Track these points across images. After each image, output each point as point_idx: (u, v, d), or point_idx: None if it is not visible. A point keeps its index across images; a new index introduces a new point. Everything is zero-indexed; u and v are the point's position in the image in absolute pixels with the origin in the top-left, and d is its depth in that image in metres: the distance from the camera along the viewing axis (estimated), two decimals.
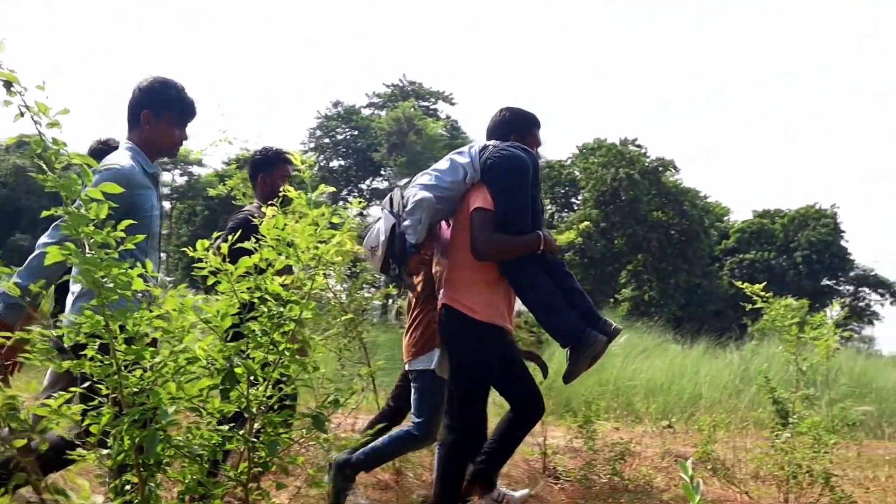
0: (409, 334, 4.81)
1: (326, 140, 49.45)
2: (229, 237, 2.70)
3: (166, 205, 43.14)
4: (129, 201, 3.32)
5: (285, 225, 2.32)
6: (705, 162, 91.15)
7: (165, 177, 45.13)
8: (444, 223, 4.37)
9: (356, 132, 48.93)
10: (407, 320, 4.89)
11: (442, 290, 4.13)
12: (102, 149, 4.29)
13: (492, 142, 4.11)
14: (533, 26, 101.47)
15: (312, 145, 48.93)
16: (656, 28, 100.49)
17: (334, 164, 49.21)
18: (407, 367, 4.86)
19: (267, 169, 4.73)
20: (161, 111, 3.53)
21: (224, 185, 6.49)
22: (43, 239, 3.15)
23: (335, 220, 2.42)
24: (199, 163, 43.36)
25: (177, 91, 3.58)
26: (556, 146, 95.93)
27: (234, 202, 6.28)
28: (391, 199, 4.08)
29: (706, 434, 7.09)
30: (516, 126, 4.23)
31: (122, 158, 3.39)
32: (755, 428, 9.68)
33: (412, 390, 4.82)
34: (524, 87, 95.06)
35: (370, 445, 4.87)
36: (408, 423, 4.84)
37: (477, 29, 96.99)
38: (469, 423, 4.05)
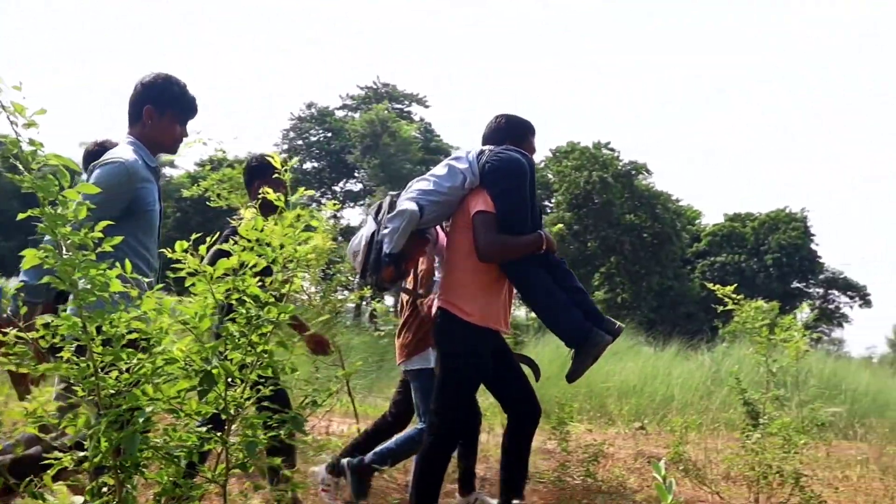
0: (401, 335, 4.83)
1: (300, 142, 49.29)
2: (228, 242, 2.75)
3: None
4: (133, 194, 3.34)
5: (263, 227, 2.33)
6: (677, 165, 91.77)
7: None
8: (439, 228, 4.40)
9: (330, 134, 48.82)
10: (399, 321, 4.93)
11: (437, 293, 4.14)
12: (98, 150, 4.29)
13: (488, 147, 4.14)
14: (506, 29, 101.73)
15: (286, 147, 48.76)
16: (629, 32, 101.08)
17: (308, 165, 49.04)
18: (403, 368, 4.87)
19: (262, 176, 4.67)
20: (164, 107, 3.56)
21: (198, 186, 6.48)
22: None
23: (314, 223, 2.43)
24: (171, 164, 43.09)
25: (179, 88, 3.60)
26: None
27: (207, 203, 6.26)
28: (380, 206, 4.08)
29: (678, 435, 7.16)
30: (512, 133, 4.26)
31: (124, 152, 3.41)
32: (726, 429, 9.77)
33: (412, 391, 4.85)
34: (497, 90, 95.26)
35: (383, 446, 4.89)
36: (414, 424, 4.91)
37: (451, 31, 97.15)
38: (451, 425, 4.05)
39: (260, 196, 2.70)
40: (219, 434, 2.31)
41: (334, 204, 6.33)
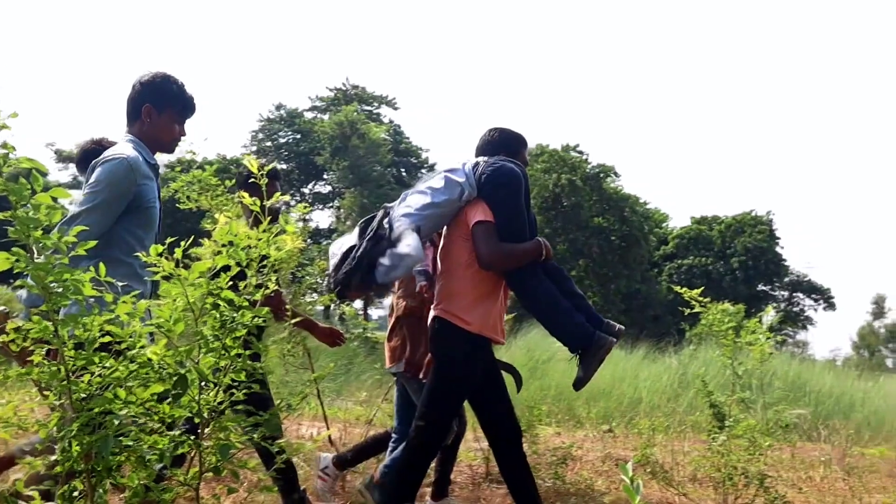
0: (391, 339, 4.85)
1: (269, 143, 49.07)
2: None
3: None
4: (136, 190, 3.34)
5: (237, 232, 2.34)
6: (645, 168, 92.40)
7: None
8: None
9: (299, 135, 48.63)
10: (388, 325, 4.96)
11: (435, 300, 4.15)
12: (95, 148, 4.30)
13: (482, 158, 4.17)
14: (475, 32, 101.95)
15: (255, 148, 48.52)
16: (598, 35, 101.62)
17: (276, 167, 48.85)
18: (393, 371, 4.88)
19: (257, 186, 4.70)
20: (163, 106, 3.57)
21: (168, 187, 6.44)
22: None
23: (290, 228, 2.45)
24: None
25: (178, 87, 3.62)
26: None
27: (177, 205, 6.23)
28: (370, 220, 4.06)
29: (646, 438, 7.23)
30: (505, 145, 4.31)
31: (124, 149, 3.43)
32: (693, 431, 9.85)
33: (411, 394, 4.88)
34: (467, 93, 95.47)
35: (391, 457, 4.90)
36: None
37: (421, 34, 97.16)
38: (438, 431, 4.08)
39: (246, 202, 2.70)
40: (192, 437, 2.31)
41: (304, 206, 6.32)
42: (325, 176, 48.31)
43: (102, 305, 2.26)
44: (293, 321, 4.52)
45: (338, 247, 4.07)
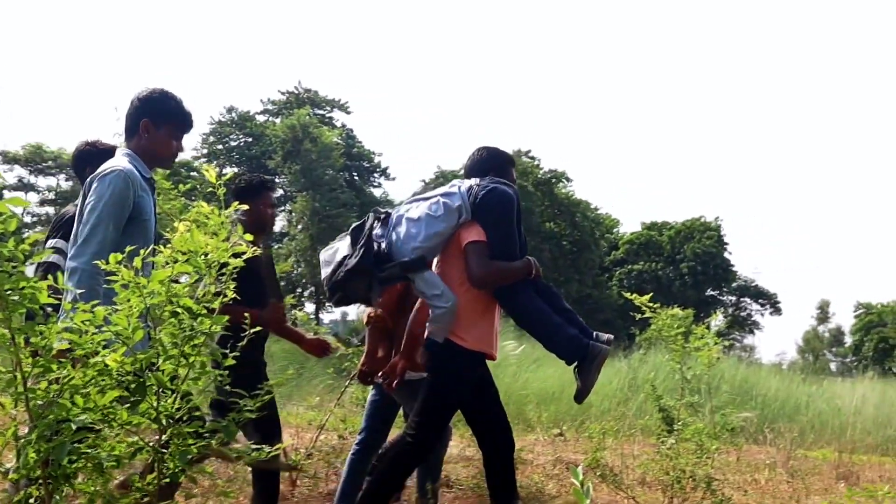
0: (375, 349, 4.87)
1: (220, 146, 48.63)
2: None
3: (50, 210, 41.60)
4: (134, 201, 3.35)
5: (197, 240, 2.35)
6: (596, 174, 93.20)
7: (50, 181, 43.63)
8: None
9: (250, 139, 48.28)
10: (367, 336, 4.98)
11: (430, 318, 4.16)
12: (90, 150, 4.32)
13: (474, 180, 4.24)
14: (427, 35, 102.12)
15: (205, 151, 48.06)
16: (548, 39, 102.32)
17: (227, 170, 48.39)
18: (379, 381, 4.88)
19: (251, 197, 4.64)
20: (161, 121, 3.58)
21: None
22: (71, 263, 3.15)
23: (248, 237, 2.47)
24: None
25: (176, 102, 3.63)
26: (450, 157, 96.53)
27: None
28: (361, 227, 4.13)
29: (596, 441, 7.30)
30: (494, 164, 4.39)
31: (119, 162, 3.43)
32: (642, 435, 9.98)
33: (400, 399, 4.92)
34: (419, 97, 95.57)
35: (351, 460, 4.96)
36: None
37: (372, 38, 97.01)
38: (428, 443, 4.14)
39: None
40: (150, 444, 2.33)
41: None
42: (276, 180, 48.01)
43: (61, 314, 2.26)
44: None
45: (329, 255, 4.13)
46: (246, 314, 3.08)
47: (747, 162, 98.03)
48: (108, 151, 4.19)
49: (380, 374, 4.59)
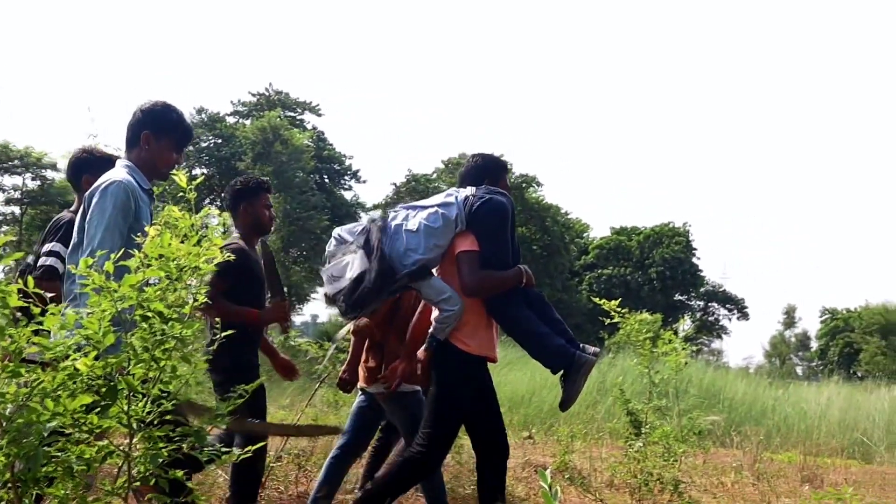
0: (368, 359, 4.88)
1: (190, 147, 48.22)
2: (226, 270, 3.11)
3: (16, 210, 41.10)
4: (138, 214, 3.39)
5: (170, 244, 2.36)
6: (566, 179, 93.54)
7: (16, 181, 43.10)
8: None
9: (220, 140, 47.90)
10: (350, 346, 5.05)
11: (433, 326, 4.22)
12: (87, 158, 4.34)
13: (470, 190, 4.31)
14: (398, 38, 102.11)
15: None
16: (520, 44, 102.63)
17: (197, 171, 48.06)
18: (371, 391, 4.89)
19: (249, 199, 4.73)
20: (161, 133, 3.61)
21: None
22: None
23: (218, 241, 2.48)
24: (54, 167, 41.61)
25: (177, 115, 3.68)
26: (421, 160, 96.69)
27: None
28: (368, 237, 4.12)
29: (564, 444, 7.37)
30: (488, 171, 4.47)
31: (117, 174, 3.46)
32: (611, 438, 10.06)
33: (390, 414, 4.94)
34: (391, 99, 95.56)
35: (328, 466, 4.98)
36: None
37: (344, 40, 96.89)
38: (440, 450, 4.20)
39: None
40: (120, 447, 2.32)
41: (227, 214, 6.26)
42: None
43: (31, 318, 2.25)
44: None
45: (339, 269, 4.10)
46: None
47: (716, 168, 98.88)
48: (105, 159, 4.29)
49: (379, 377, 4.62)
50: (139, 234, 3.30)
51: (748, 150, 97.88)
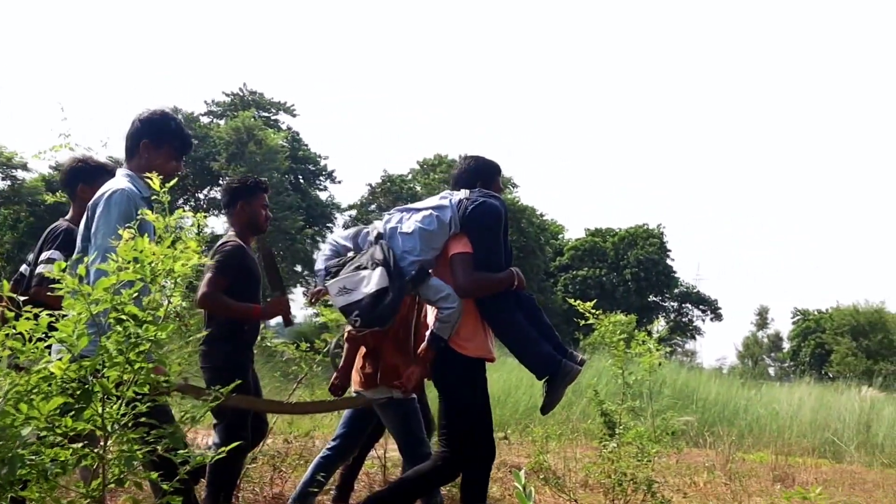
0: (365, 364, 4.88)
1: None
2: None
3: None
4: (137, 220, 3.37)
5: (143, 249, 2.35)
6: (542, 181, 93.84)
7: None
8: None
9: (195, 140, 47.64)
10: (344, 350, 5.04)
11: (431, 326, 4.25)
12: (82, 167, 4.39)
13: (464, 193, 4.36)
14: (372, 38, 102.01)
15: None
16: (493, 43, 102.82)
17: None
18: (368, 395, 4.86)
19: (246, 197, 4.78)
20: (161, 142, 3.66)
21: (60, 193, 6.26)
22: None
23: (192, 244, 2.48)
24: (25, 167, 41.17)
25: (176, 124, 3.74)
26: (397, 160, 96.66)
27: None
28: (384, 254, 4.10)
29: (539, 445, 7.39)
30: (482, 174, 4.54)
31: (117, 183, 3.51)
32: (585, 438, 10.10)
33: (386, 420, 4.95)
34: (367, 100, 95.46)
35: (315, 465, 5.04)
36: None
37: (318, 40, 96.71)
38: (459, 451, 4.20)
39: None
40: (94, 450, 2.32)
41: (201, 215, 6.23)
42: (220, 182, 47.43)
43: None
44: None
45: (353, 282, 4.05)
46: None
47: (691, 170, 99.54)
48: (100, 168, 4.38)
49: (395, 383, 4.64)
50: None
51: (722, 153, 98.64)
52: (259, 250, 4.80)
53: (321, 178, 48.89)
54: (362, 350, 4.91)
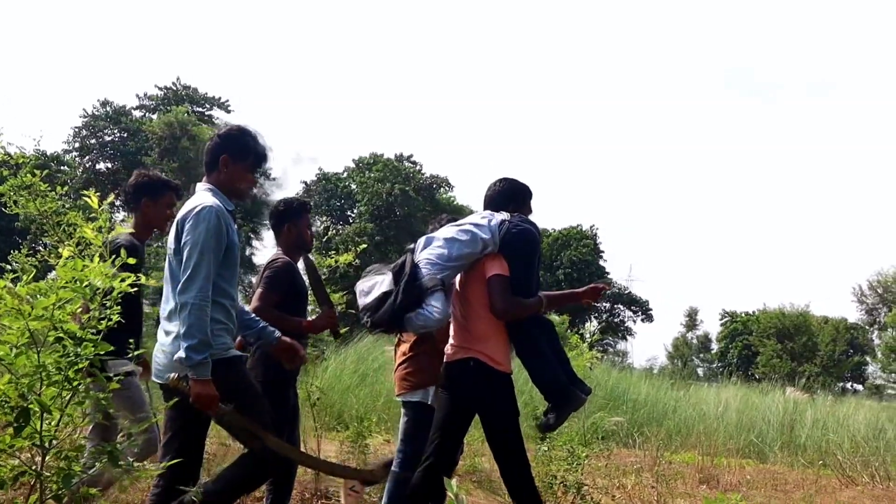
0: (399, 368, 5.09)
1: (93, 140, 46.91)
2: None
3: None
4: (229, 236, 3.61)
5: (84, 266, 2.35)
6: (477, 181, 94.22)
7: None
8: None
9: (126, 134, 46.77)
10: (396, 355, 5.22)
11: (459, 340, 4.43)
12: (146, 182, 4.74)
13: (506, 215, 4.47)
14: (310, 34, 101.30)
15: (77, 145, 46.34)
16: (432, 46, 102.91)
17: (101, 166, 46.81)
18: (401, 399, 5.09)
19: (293, 219, 4.97)
20: (238, 157, 3.81)
21: None
22: (181, 298, 3.32)
23: (130, 261, 2.49)
24: None
25: (253, 139, 3.88)
26: (333, 159, 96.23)
27: (4, 209, 5.98)
28: (403, 263, 4.30)
29: (473, 448, 7.46)
30: (514, 197, 4.66)
31: (206, 198, 3.62)
32: None
33: (405, 420, 5.07)
34: (303, 96, 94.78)
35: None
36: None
37: (255, 34, 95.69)
38: (514, 454, 4.35)
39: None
40: (32, 467, 2.31)
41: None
42: None
43: None
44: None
45: (367, 286, 4.33)
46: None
47: (623, 172, 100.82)
48: (165, 183, 4.77)
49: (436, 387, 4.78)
50: (233, 251, 3.59)
51: (654, 156, 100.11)
52: (305, 268, 4.93)
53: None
54: (400, 355, 5.15)
